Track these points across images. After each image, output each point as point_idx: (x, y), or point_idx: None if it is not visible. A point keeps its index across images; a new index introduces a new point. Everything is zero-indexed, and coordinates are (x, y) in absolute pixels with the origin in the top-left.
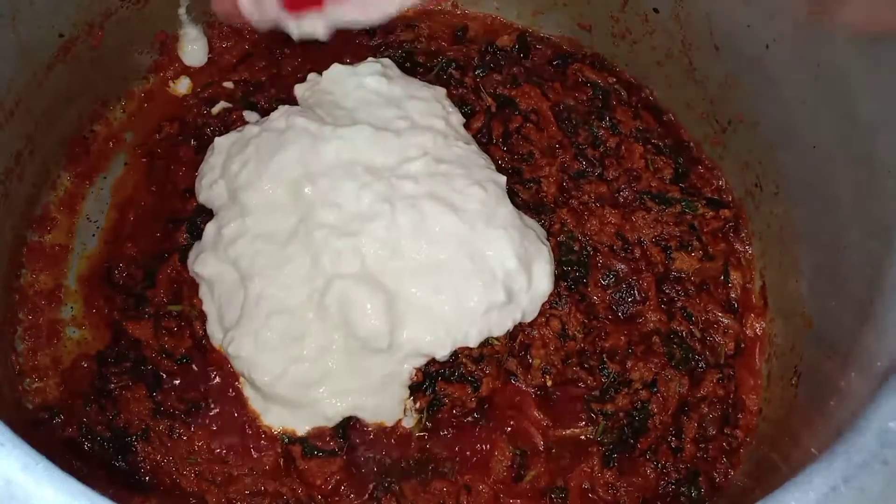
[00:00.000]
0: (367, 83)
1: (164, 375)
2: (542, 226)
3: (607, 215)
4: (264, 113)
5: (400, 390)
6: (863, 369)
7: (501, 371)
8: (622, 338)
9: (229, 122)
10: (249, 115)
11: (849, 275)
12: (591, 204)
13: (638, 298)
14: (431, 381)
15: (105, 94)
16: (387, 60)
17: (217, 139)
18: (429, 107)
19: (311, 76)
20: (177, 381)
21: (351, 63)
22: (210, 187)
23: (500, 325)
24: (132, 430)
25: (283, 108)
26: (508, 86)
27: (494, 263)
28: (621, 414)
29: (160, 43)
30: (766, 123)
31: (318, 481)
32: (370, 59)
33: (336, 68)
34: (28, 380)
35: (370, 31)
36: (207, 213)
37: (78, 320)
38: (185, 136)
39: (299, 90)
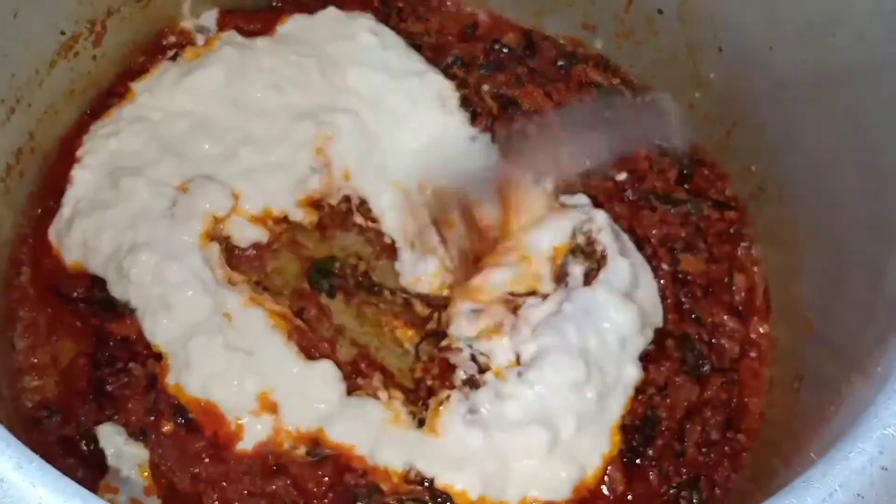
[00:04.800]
0: (359, 38)
1: (158, 372)
2: None
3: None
4: None
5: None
6: (864, 374)
7: None
8: None
9: None
10: None
11: (851, 278)
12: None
13: None
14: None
15: (107, 91)
16: (387, 30)
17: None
18: (429, 93)
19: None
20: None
21: None
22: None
23: None
24: (129, 430)
25: None
26: (512, 87)
27: None
28: (637, 421)
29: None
30: (769, 126)
31: (310, 485)
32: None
33: (332, 10)
34: (27, 377)
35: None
36: None
37: None
38: None
39: (284, 27)
